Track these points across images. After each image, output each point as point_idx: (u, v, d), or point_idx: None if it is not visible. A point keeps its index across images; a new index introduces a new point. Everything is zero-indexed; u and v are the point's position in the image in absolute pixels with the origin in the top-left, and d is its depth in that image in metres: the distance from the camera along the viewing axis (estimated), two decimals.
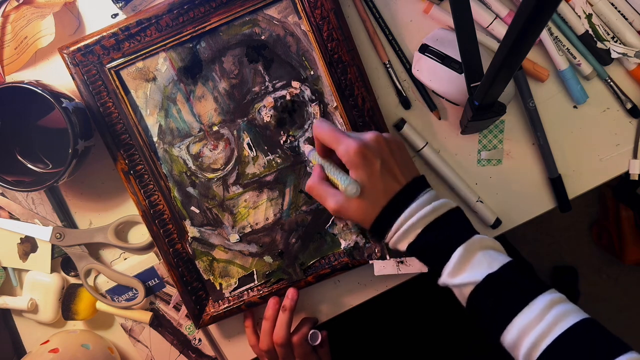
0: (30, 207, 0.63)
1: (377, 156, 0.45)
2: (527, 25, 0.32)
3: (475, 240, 0.44)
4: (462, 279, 0.44)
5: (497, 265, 0.43)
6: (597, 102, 0.57)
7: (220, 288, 0.59)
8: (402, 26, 0.57)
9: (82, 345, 0.61)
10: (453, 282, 0.44)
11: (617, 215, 1.28)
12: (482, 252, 0.44)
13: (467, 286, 0.44)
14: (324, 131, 0.47)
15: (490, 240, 0.46)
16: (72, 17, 0.59)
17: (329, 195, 0.47)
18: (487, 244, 0.45)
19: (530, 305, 0.41)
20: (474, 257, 0.44)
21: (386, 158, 0.46)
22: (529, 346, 0.40)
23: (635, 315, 1.34)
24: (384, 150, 0.46)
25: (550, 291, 0.42)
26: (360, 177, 0.45)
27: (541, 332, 0.40)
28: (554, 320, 0.40)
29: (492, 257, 0.44)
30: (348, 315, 0.63)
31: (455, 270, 0.44)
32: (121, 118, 0.56)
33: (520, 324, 0.41)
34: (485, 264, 0.43)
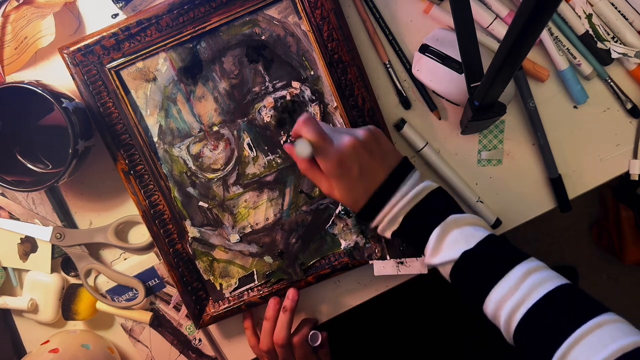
0: (30, 207, 0.63)
1: (355, 163, 0.47)
2: (527, 25, 0.32)
3: (451, 220, 0.46)
4: (441, 258, 0.46)
5: (474, 241, 0.45)
6: (597, 102, 0.57)
7: (221, 288, 0.59)
8: (402, 26, 0.57)
9: (82, 345, 0.61)
10: (433, 262, 0.46)
11: (617, 216, 1.28)
12: (458, 229, 0.46)
13: (446, 265, 0.46)
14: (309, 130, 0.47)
15: (468, 217, 0.47)
16: (72, 17, 0.59)
17: (321, 180, 0.49)
18: (465, 221, 0.46)
19: (507, 276, 0.42)
20: (449, 236, 0.46)
21: (364, 162, 0.47)
22: (506, 316, 0.41)
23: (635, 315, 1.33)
24: (361, 156, 0.47)
25: (527, 260, 0.43)
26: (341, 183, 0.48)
27: (517, 301, 0.41)
28: (529, 289, 0.41)
29: (469, 234, 0.45)
30: (348, 316, 0.63)
31: (434, 250, 0.46)
32: (121, 118, 0.56)
33: (497, 296, 0.42)
34: (462, 242, 0.45)
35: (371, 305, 0.62)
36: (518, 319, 0.41)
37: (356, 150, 0.47)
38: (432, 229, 0.46)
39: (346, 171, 0.47)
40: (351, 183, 0.48)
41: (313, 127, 0.47)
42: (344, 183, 0.48)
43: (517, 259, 0.43)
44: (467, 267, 0.44)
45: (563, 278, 0.42)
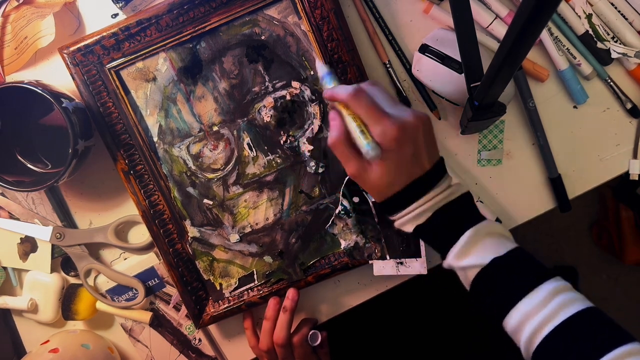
0: (30, 207, 0.63)
1: (411, 143, 0.44)
2: (527, 25, 0.32)
3: (484, 225, 0.45)
4: (469, 262, 0.44)
5: (504, 250, 0.44)
6: (597, 102, 0.57)
7: (220, 288, 0.59)
8: (402, 26, 0.57)
9: (82, 345, 0.61)
10: (459, 264, 0.44)
11: (617, 215, 1.28)
12: (489, 237, 0.44)
13: (472, 269, 0.44)
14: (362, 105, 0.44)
15: (499, 226, 0.46)
16: (72, 17, 0.59)
17: (351, 159, 0.45)
18: (495, 229, 0.45)
19: (535, 290, 0.41)
20: (482, 241, 0.44)
21: (419, 145, 0.44)
22: (531, 331, 0.40)
23: (635, 315, 1.34)
24: (419, 138, 0.44)
25: (556, 279, 0.42)
26: (390, 159, 0.44)
27: (544, 317, 0.40)
28: (557, 307, 0.40)
29: (499, 242, 0.44)
30: (348, 316, 0.63)
31: (462, 252, 0.44)
32: (121, 118, 0.56)
33: (524, 309, 0.41)
34: (492, 248, 0.44)
35: (371, 305, 0.62)
36: (542, 336, 0.40)
37: (417, 130, 0.44)
38: (464, 231, 0.44)
39: (400, 148, 0.43)
40: (399, 163, 0.44)
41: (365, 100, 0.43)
42: (391, 161, 0.44)
43: (546, 276, 0.42)
44: (496, 275, 0.43)
45: (589, 301, 0.41)
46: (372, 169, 0.45)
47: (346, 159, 0.46)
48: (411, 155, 0.44)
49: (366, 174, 0.45)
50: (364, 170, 0.45)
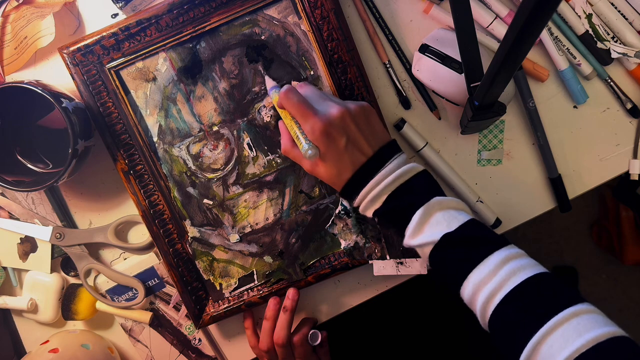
0: (30, 207, 0.63)
1: (343, 133, 0.47)
2: (527, 25, 0.32)
3: (435, 202, 0.46)
4: (421, 239, 0.45)
5: (456, 224, 0.44)
6: (597, 102, 0.57)
7: (220, 288, 0.59)
8: (402, 26, 0.57)
9: (82, 345, 0.61)
10: (413, 242, 0.46)
11: (617, 215, 1.28)
12: (441, 212, 0.45)
13: (426, 246, 0.45)
14: (292, 104, 0.47)
15: (452, 200, 0.47)
16: (72, 17, 0.59)
17: (302, 160, 0.50)
18: (448, 204, 0.46)
19: (485, 261, 0.42)
20: (432, 218, 0.45)
21: (352, 133, 0.47)
22: (483, 301, 0.41)
23: (635, 315, 1.34)
24: (349, 127, 0.47)
25: (507, 247, 0.43)
26: (326, 153, 0.47)
27: (494, 287, 0.41)
28: (506, 275, 0.41)
29: (451, 217, 0.45)
30: (348, 315, 0.63)
31: (415, 231, 0.46)
32: (121, 118, 0.56)
33: (475, 280, 0.42)
34: (444, 224, 0.45)
35: (371, 305, 0.62)
36: (494, 305, 0.41)
37: (344, 120, 0.47)
38: (415, 210, 0.45)
39: (332, 141, 0.46)
40: (337, 154, 0.47)
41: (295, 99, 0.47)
42: (329, 154, 0.47)
43: (497, 245, 0.43)
44: (447, 250, 0.44)
45: (541, 267, 0.42)
46: (319, 165, 0.48)
47: (299, 160, 0.50)
48: (345, 145, 0.47)
49: (317, 169, 0.49)
50: (315, 167, 0.49)
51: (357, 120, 0.47)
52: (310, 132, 0.47)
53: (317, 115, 0.47)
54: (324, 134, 0.46)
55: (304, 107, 0.47)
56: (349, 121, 0.47)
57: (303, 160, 0.50)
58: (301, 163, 0.50)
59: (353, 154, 0.47)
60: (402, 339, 0.80)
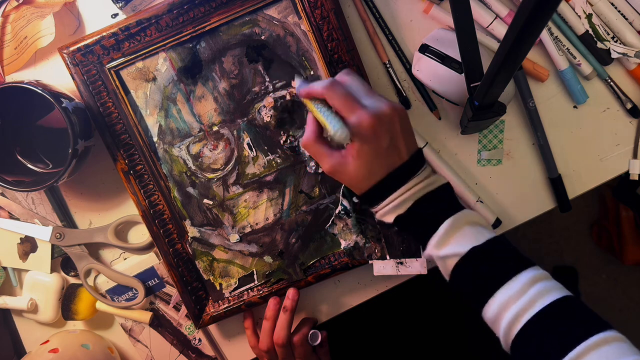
0: (30, 207, 0.63)
1: (388, 133, 0.44)
2: (527, 25, 0.32)
3: (463, 214, 0.45)
4: (448, 251, 0.44)
5: (483, 239, 0.44)
6: (597, 102, 0.57)
7: (220, 288, 0.59)
8: (402, 26, 0.57)
9: (82, 345, 0.61)
10: (438, 253, 0.45)
11: (617, 215, 1.28)
12: (469, 226, 0.45)
13: (451, 258, 0.44)
14: (337, 95, 0.44)
15: (478, 216, 0.46)
16: (72, 17, 0.59)
17: (325, 155, 0.46)
18: (474, 219, 0.45)
19: (513, 279, 0.42)
20: (461, 230, 0.44)
21: (395, 135, 0.44)
22: (509, 320, 0.41)
23: (635, 315, 1.34)
24: (395, 127, 0.44)
25: (534, 268, 0.43)
26: (367, 149, 0.44)
27: (522, 306, 0.40)
28: (535, 295, 0.40)
29: (478, 232, 0.44)
30: (348, 315, 0.63)
31: (441, 241, 0.44)
32: (121, 118, 0.56)
33: (502, 298, 0.41)
34: (471, 237, 0.44)
35: (371, 305, 0.62)
36: (521, 324, 0.40)
37: (393, 119, 0.44)
38: (443, 220, 0.44)
39: (377, 139, 0.43)
40: (376, 154, 0.44)
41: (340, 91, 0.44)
42: (368, 152, 0.44)
43: (524, 264, 0.43)
44: (474, 264, 0.43)
45: (567, 290, 0.41)
46: (349, 162, 0.45)
47: (320, 156, 0.46)
48: (388, 145, 0.44)
49: (343, 167, 0.45)
50: (340, 165, 0.45)
51: (402, 122, 0.45)
52: (356, 125, 0.43)
53: (365, 109, 0.43)
54: (370, 129, 0.43)
55: (351, 98, 0.44)
56: (396, 120, 0.44)
57: (324, 158, 0.46)
58: (322, 160, 0.46)
59: (391, 156, 0.45)
60: (402, 339, 0.80)
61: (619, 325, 0.38)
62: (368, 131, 0.43)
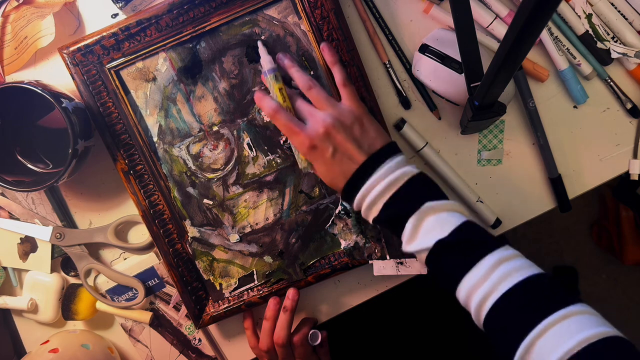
0: (30, 207, 0.63)
1: (329, 145, 0.48)
2: (527, 25, 0.32)
3: (427, 207, 0.45)
4: (416, 246, 0.45)
5: (449, 228, 0.44)
6: (597, 102, 0.57)
7: (220, 288, 0.59)
8: (402, 26, 0.57)
9: (82, 345, 0.61)
10: (410, 249, 0.46)
11: (617, 215, 1.28)
12: (433, 216, 0.45)
13: (421, 252, 0.45)
14: (280, 124, 0.50)
15: (447, 203, 0.46)
16: (72, 17, 0.59)
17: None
18: (441, 207, 0.46)
19: (477, 265, 0.42)
20: (424, 223, 0.45)
21: (339, 143, 0.48)
22: (476, 306, 0.42)
23: (635, 315, 1.34)
24: (335, 138, 0.48)
25: (501, 249, 0.43)
26: (317, 166, 0.50)
27: (486, 291, 0.41)
28: (498, 279, 0.41)
29: (444, 221, 0.45)
30: (348, 315, 0.63)
31: (410, 238, 0.46)
32: (121, 118, 0.56)
33: (467, 285, 0.42)
34: (437, 229, 0.45)
35: (371, 305, 0.62)
36: (487, 309, 0.41)
37: (328, 131, 0.48)
38: (409, 216, 0.45)
39: (319, 153, 0.48)
40: (326, 165, 0.49)
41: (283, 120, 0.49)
42: (319, 165, 0.49)
43: (490, 247, 0.43)
44: (441, 256, 0.44)
45: (535, 267, 0.42)
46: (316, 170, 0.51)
47: None
48: (331, 154, 0.48)
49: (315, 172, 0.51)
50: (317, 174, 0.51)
51: (346, 128, 0.48)
52: (299, 148, 0.50)
53: (303, 131, 0.48)
54: (310, 149, 0.48)
55: (291, 125, 0.49)
56: (334, 132, 0.48)
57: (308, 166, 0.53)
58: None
59: (343, 163, 0.48)
60: (402, 339, 0.80)
61: (619, 325, 0.38)
62: (308, 151, 0.49)
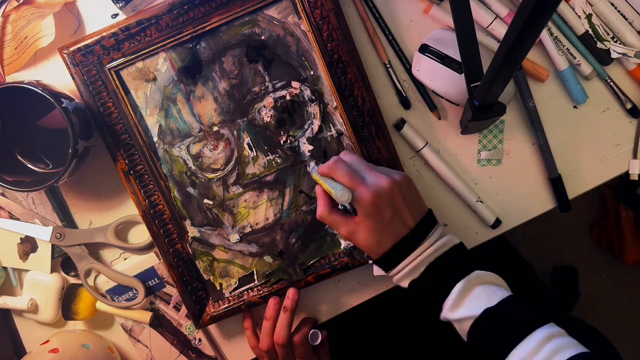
0: (30, 207, 0.63)
1: (389, 205, 0.47)
2: (527, 25, 0.32)
3: (475, 275, 0.45)
4: (461, 313, 0.45)
5: (496, 299, 0.44)
6: (597, 102, 0.57)
7: (220, 288, 0.60)
8: (402, 26, 0.57)
9: (82, 345, 0.61)
10: (453, 316, 0.45)
11: (617, 215, 1.28)
12: (481, 286, 0.45)
13: (466, 320, 0.45)
14: (340, 172, 0.48)
15: (491, 275, 0.46)
16: (72, 17, 0.59)
17: (340, 224, 0.49)
18: (487, 279, 0.46)
19: (528, 338, 0.42)
20: (473, 292, 0.45)
21: (398, 205, 0.47)
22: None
23: (635, 315, 1.34)
24: (396, 199, 0.47)
25: (548, 325, 0.43)
26: (369, 224, 0.47)
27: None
28: (550, 353, 0.40)
29: (491, 291, 0.45)
30: (348, 315, 0.63)
31: (455, 304, 0.45)
32: (121, 118, 0.56)
33: (517, 358, 0.42)
34: (484, 298, 0.44)
35: (371, 305, 0.62)
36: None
37: (392, 192, 0.47)
38: (455, 283, 0.45)
39: (379, 212, 0.46)
40: (380, 226, 0.47)
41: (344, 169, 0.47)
42: (373, 225, 0.47)
43: (538, 322, 0.43)
44: (488, 325, 0.44)
45: (582, 346, 0.42)
46: (360, 232, 0.48)
47: (336, 225, 0.50)
48: (390, 216, 0.47)
49: (356, 235, 0.48)
50: (353, 233, 0.48)
51: (403, 191, 0.48)
52: (357, 201, 0.47)
53: (365, 185, 0.47)
54: (371, 205, 0.46)
55: (352, 176, 0.47)
56: (396, 193, 0.47)
57: (340, 226, 0.49)
58: (338, 228, 0.50)
59: (396, 226, 0.47)
60: (402, 339, 0.80)
61: (619, 325, 0.38)
62: (369, 206, 0.46)
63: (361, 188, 0.46)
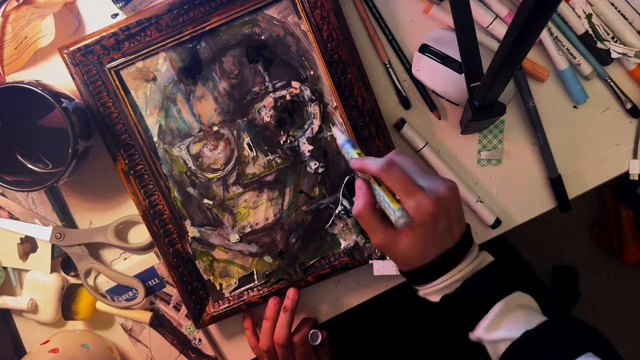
0: (30, 207, 0.63)
1: (445, 217, 0.42)
2: (527, 25, 0.32)
3: (514, 297, 0.44)
4: (499, 335, 0.43)
5: (535, 323, 0.42)
6: (597, 102, 0.57)
7: (220, 288, 0.60)
8: (402, 26, 0.57)
9: (82, 345, 0.61)
10: (489, 337, 0.43)
11: (617, 215, 1.28)
12: (520, 309, 0.43)
13: (503, 342, 0.43)
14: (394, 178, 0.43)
15: (528, 297, 0.45)
16: (72, 17, 0.59)
17: (379, 230, 0.44)
18: (526, 301, 0.44)
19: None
20: (512, 314, 0.43)
21: (451, 217, 0.43)
22: None
23: (635, 315, 1.34)
24: (451, 210, 0.43)
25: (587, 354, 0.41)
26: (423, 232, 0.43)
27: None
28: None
29: (529, 315, 0.43)
30: (348, 315, 0.63)
31: (492, 325, 0.43)
32: (121, 118, 0.56)
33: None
34: (523, 321, 0.42)
35: (371, 305, 0.62)
36: None
37: (450, 202, 0.43)
38: (494, 303, 0.43)
39: (436, 222, 0.42)
40: (432, 236, 0.43)
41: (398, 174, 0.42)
42: (425, 234, 0.42)
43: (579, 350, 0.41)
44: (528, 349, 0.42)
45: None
46: (402, 240, 0.43)
47: (372, 229, 0.45)
48: (444, 229, 0.43)
49: (395, 245, 0.44)
50: (392, 241, 0.44)
51: (458, 201, 0.44)
52: (415, 209, 0.42)
53: (424, 192, 0.42)
54: (430, 214, 0.41)
55: (409, 181, 0.42)
56: (453, 202, 0.43)
57: (377, 232, 0.44)
58: (373, 233, 0.45)
59: (445, 238, 0.43)
60: (403, 339, 0.80)
61: (619, 325, 0.38)
62: (427, 216, 0.42)
63: (419, 195, 0.42)
